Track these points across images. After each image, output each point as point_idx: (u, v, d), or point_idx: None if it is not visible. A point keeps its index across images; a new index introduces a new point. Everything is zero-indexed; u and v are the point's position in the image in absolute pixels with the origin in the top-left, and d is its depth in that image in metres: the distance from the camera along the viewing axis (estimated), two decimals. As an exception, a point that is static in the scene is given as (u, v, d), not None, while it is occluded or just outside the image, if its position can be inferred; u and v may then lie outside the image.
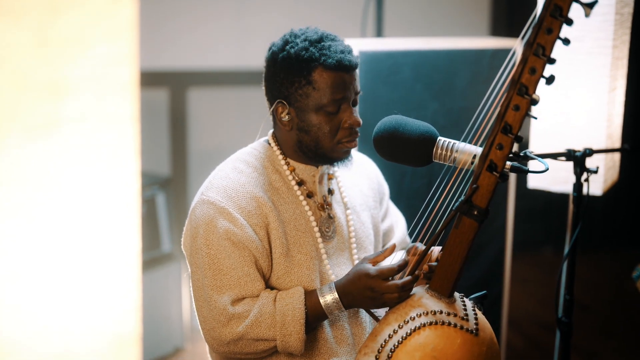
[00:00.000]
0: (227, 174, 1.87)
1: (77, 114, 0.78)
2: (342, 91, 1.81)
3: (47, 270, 0.79)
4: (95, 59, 0.79)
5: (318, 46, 1.80)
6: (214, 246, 1.79)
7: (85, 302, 0.82)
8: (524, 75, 1.50)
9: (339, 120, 1.83)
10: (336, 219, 1.95)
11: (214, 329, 1.79)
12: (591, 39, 2.45)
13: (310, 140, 1.85)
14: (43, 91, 0.75)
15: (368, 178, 2.09)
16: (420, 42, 2.88)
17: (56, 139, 0.77)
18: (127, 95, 0.82)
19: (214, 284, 1.78)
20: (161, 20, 4.44)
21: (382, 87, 2.73)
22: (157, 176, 4.01)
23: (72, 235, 0.80)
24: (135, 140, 0.84)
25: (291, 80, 1.81)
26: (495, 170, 1.55)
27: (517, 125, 1.53)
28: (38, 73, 0.75)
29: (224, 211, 1.80)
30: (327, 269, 1.89)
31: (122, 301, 0.86)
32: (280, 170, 1.90)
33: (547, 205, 5.34)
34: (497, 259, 3.16)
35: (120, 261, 0.85)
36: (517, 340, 4.04)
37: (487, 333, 1.67)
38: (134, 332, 0.87)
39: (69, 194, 0.79)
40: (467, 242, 1.61)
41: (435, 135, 1.77)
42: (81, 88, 0.78)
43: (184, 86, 4.57)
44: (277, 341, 1.78)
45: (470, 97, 2.90)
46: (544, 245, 5.43)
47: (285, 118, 1.85)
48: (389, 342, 1.62)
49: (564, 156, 2.20)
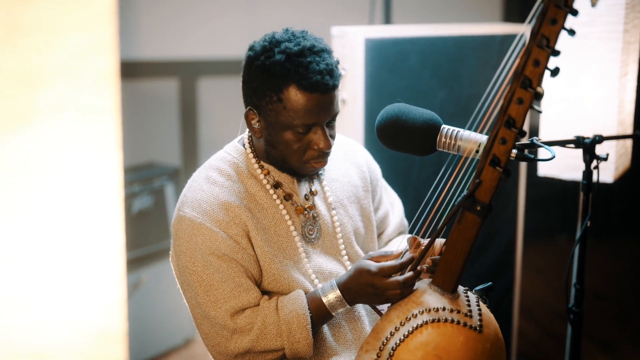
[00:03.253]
0: (201, 186, 1.82)
1: (52, 106, 0.75)
2: (316, 115, 1.72)
3: (27, 267, 0.77)
4: (70, 48, 0.76)
5: (296, 62, 1.68)
6: (200, 263, 1.75)
7: (67, 297, 0.80)
8: (528, 68, 1.45)
9: (309, 141, 1.75)
10: (321, 217, 1.90)
11: (218, 344, 1.76)
12: (601, 24, 2.40)
13: (277, 155, 1.80)
14: (13, 82, 0.73)
15: (357, 166, 2.02)
16: (427, 28, 2.84)
17: (30, 132, 0.74)
18: (107, 86, 0.79)
19: (208, 299, 1.75)
20: (171, 10, 4.42)
21: (389, 75, 2.70)
22: (167, 166, 3.99)
23: (52, 231, 0.78)
24: (117, 133, 0.81)
25: (263, 93, 1.72)
26: (498, 165, 1.51)
27: (521, 119, 1.48)
28: (7, 62, 0.72)
29: (202, 227, 1.75)
30: (309, 272, 1.85)
31: (106, 296, 0.84)
32: (255, 175, 1.85)
33: (562, 192, 5.29)
34: (509, 247, 3.13)
35: (103, 256, 0.83)
36: (531, 329, 4.01)
37: (491, 329, 1.63)
38: (118, 328, 0.85)
39: (47, 190, 0.77)
40: (470, 238, 1.57)
41: (439, 123, 1.73)
42: (56, 79, 0.76)
43: (194, 76, 4.54)
44: (286, 349, 1.75)
45: (479, 84, 2.86)
46: (558, 232, 5.38)
47: (256, 125, 1.79)
48: (390, 340, 1.59)
49: (572, 143, 2.16)
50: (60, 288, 0.80)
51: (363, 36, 2.61)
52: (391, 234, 2.10)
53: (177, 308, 3.78)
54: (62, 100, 0.76)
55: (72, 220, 0.79)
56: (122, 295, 0.86)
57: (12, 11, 0.72)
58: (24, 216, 0.76)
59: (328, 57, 1.73)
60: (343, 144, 2.03)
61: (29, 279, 0.77)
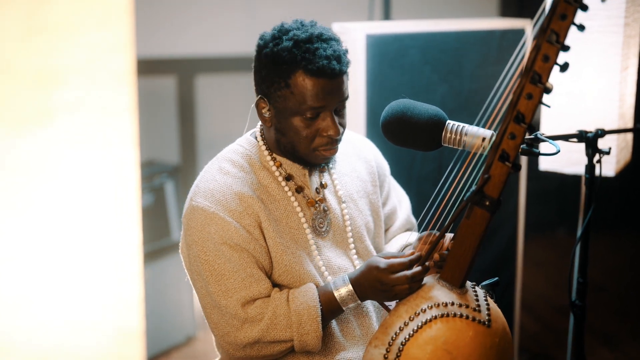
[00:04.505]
0: (214, 176, 1.82)
1: (70, 104, 0.75)
2: (322, 99, 1.73)
3: (46, 266, 0.77)
4: (87, 46, 0.76)
5: (303, 48, 1.71)
6: (211, 253, 1.76)
7: (86, 296, 0.80)
8: (537, 63, 1.45)
9: (318, 127, 1.77)
10: (331, 211, 1.91)
11: (228, 334, 1.76)
12: (602, 17, 2.40)
13: (287, 142, 1.81)
14: (33, 81, 0.73)
15: (366, 161, 2.03)
16: (428, 24, 2.84)
17: (49, 130, 0.74)
18: (123, 85, 0.80)
19: (219, 289, 1.75)
20: (169, 8, 4.41)
21: (389, 71, 2.70)
22: (166, 164, 3.99)
23: (70, 230, 0.78)
24: (134, 131, 0.81)
25: (271, 80, 1.75)
26: (507, 160, 1.51)
27: (530, 114, 1.48)
28: (27, 62, 0.72)
29: (215, 216, 1.76)
30: (320, 264, 1.86)
31: (124, 295, 0.84)
32: (268, 167, 1.86)
33: (561, 187, 5.29)
34: (510, 241, 3.14)
35: (121, 254, 0.83)
36: (531, 323, 4.02)
37: (499, 323, 1.64)
38: (136, 326, 0.85)
39: (65, 188, 0.77)
40: (478, 233, 1.57)
41: (444, 118, 1.74)
42: (74, 77, 0.76)
43: (192, 73, 4.54)
44: (295, 341, 1.75)
45: (480, 79, 2.86)
46: (558, 227, 5.39)
47: (266, 114, 1.80)
48: (399, 335, 1.59)
49: (575, 137, 2.16)
50: (79, 288, 0.80)
51: (364, 32, 2.61)
52: (397, 230, 2.10)
53: (178, 305, 3.78)
54: (79, 98, 0.76)
55: (93, 219, 0.79)
56: (140, 293, 0.86)
57: (31, 11, 0.72)
58: (43, 214, 0.76)
59: (336, 44, 1.75)
60: (352, 140, 2.04)
61: (46, 279, 0.77)
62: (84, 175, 0.78)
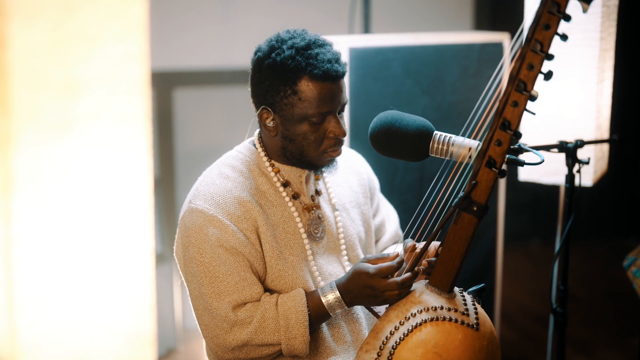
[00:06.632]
0: (214, 180, 1.86)
1: (90, 113, 0.78)
2: (329, 102, 1.79)
3: (63, 270, 0.79)
4: (107, 57, 0.79)
5: (305, 54, 1.77)
6: (207, 254, 1.79)
7: (100, 301, 0.82)
8: (522, 72, 1.50)
9: (324, 130, 1.82)
10: (325, 218, 1.95)
11: (217, 336, 1.79)
12: (579, 31, 2.47)
13: (294, 149, 1.85)
14: (58, 90, 0.75)
15: (358, 174, 2.09)
16: (409, 37, 2.90)
17: (70, 137, 0.77)
18: (139, 94, 0.82)
19: (212, 291, 1.78)
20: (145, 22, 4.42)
21: (372, 83, 2.74)
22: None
23: (87, 234, 0.80)
24: (147, 138, 0.84)
25: (277, 89, 1.79)
26: (494, 166, 1.56)
27: (516, 122, 1.53)
28: (53, 72, 0.75)
29: (214, 219, 1.80)
30: (313, 269, 1.90)
31: (137, 299, 0.86)
32: (266, 173, 1.90)
33: (535, 198, 5.38)
34: (489, 252, 3.18)
35: (134, 260, 0.85)
36: (510, 333, 4.07)
37: (487, 327, 1.69)
38: (149, 330, 0.88)
39: (84, 193, 0.79)
40: (466, 238, 1.62)
41: (432, 129, 1.78)
42: (94, 87, 0.78)
43: (169, 87, 4.55)
44: (282, 345, 1.78)
45: (460, 91, 2.92)
46: (532, 237, 5.47)
47: (270, 124, 1.84)
48: (390, 339, 1.63)
49: (556, 148, 2.22)
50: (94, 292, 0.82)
51: (347, 45, 2.66)
52: (387, 242, 2.15)
53: (160, 318, 3.78)
54: (99, 107, 0.79)
55: (109, 224, 0.82)
56: (152, 297, 0.88)
57: (56, 24, 0.75)
58: (61, 221, 0.78)
59: (331, 48, 1.83)
60: (344, 153, 2.08)
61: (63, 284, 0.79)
62: (102, 182, 0.81)
